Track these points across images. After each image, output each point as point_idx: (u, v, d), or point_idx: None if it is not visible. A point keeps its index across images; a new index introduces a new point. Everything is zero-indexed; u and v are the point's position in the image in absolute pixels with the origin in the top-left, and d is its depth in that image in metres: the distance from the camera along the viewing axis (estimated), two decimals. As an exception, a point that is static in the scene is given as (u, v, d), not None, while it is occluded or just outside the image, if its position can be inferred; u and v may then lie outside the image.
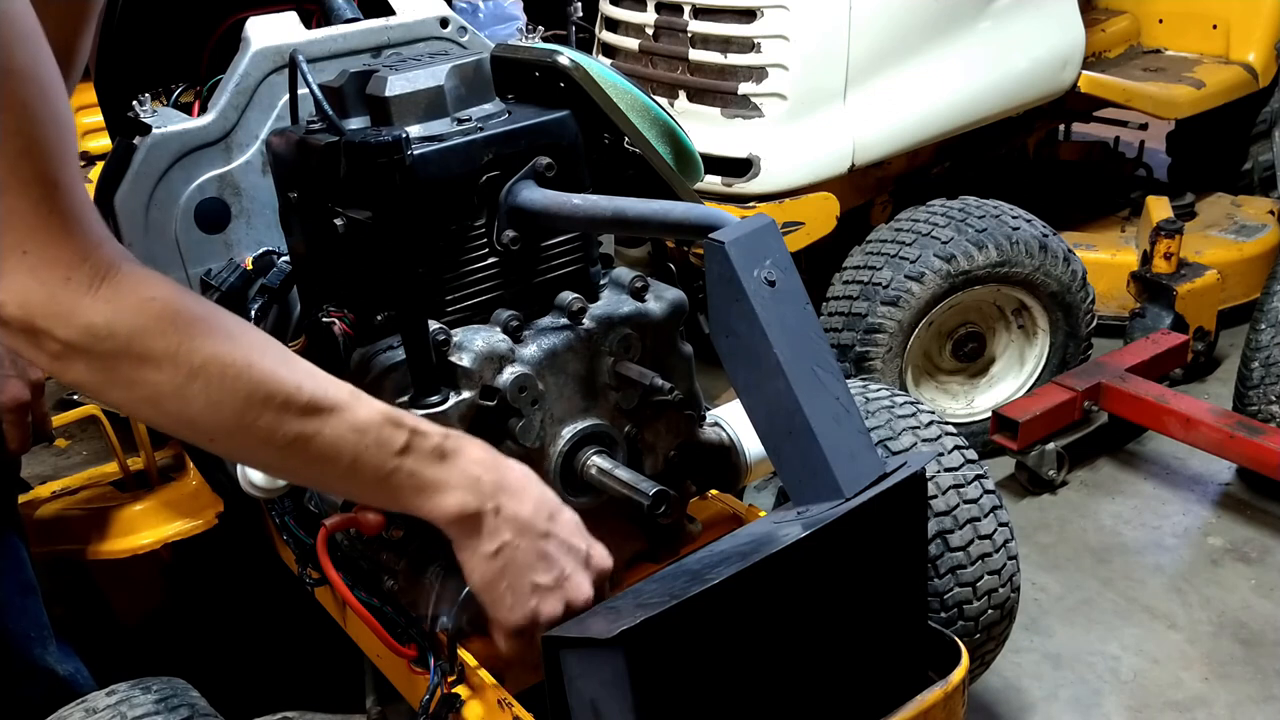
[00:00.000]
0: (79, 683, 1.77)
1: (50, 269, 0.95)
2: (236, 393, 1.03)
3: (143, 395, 1.01)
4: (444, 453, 1.16)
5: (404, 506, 1.17)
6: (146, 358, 0.99)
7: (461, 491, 1.16)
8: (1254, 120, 3.77)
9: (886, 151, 3.00)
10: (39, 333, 0.96)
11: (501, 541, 1.19)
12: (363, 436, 1.10)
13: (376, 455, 1.11)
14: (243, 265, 1.73)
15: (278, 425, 1.06)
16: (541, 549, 1.22)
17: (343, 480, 1.13)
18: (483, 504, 1.17)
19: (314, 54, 1.72)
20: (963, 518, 1.81)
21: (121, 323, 0.98)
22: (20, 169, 0.92)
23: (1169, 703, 2.17)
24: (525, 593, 1.21)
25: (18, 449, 1.68)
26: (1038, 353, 2.95)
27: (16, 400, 1.63)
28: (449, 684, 1.44)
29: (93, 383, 1.00)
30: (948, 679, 1.28)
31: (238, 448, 1.09)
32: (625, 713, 1.08)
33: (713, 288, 1.21)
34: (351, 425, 1.10)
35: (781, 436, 1.22)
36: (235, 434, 1.05)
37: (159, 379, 1.00)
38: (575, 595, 1.24)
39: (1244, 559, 2.56)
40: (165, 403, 1.02)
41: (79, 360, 0.98)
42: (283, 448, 1.07)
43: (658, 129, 1.65)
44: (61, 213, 0.95)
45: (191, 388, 1.01)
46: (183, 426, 1.05)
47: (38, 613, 1.75)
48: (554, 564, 1.22)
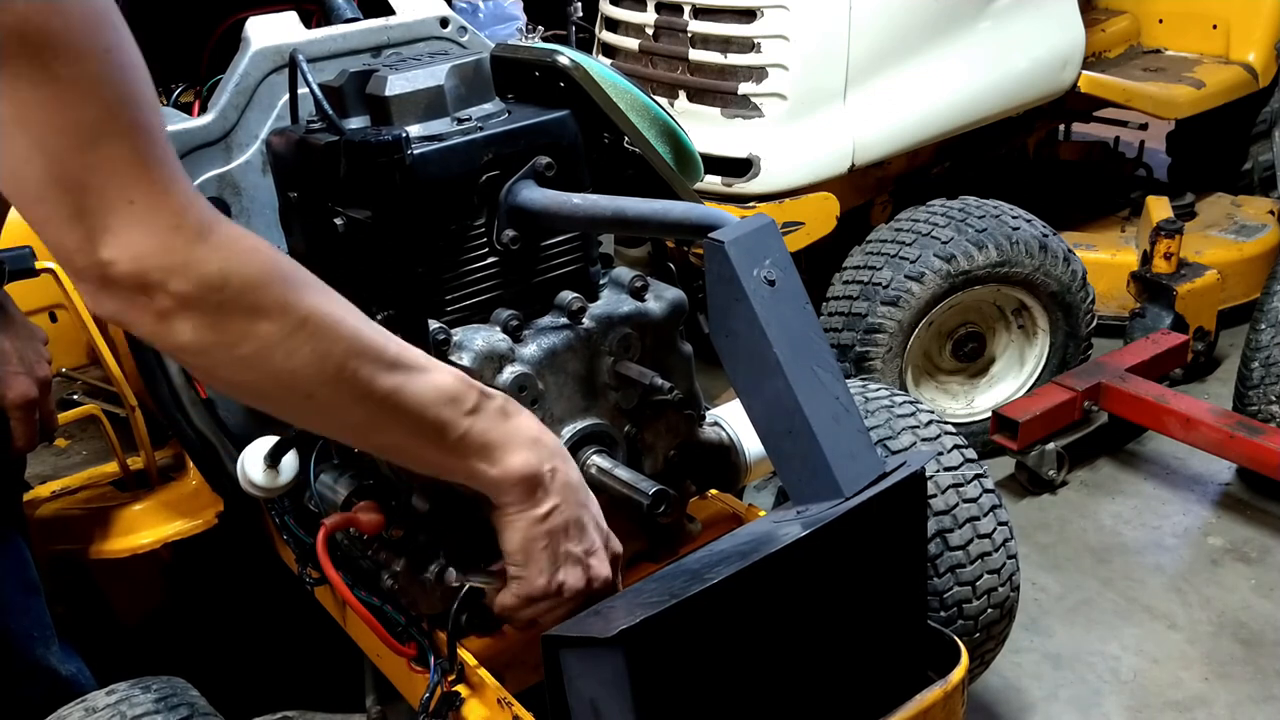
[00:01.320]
0: (81, 683, 1.77)
1: (160, 218, 0.92)
2: (339, 343, 1.03)
3: (249, 351, 0.98)
4: (507, 413, 1.18)
5: (471, 470, 1.17)
6: (258, 308, 0.97)
7: (526, 451, 1.18)
8: (1254, 120, 3.78)
9: (886, 151, 3.00)
10: (152, 288, 0.92)
11: (553, 504, 1.22)
12: (442, 394, 1.12)
13: (453, 414, 1.13)
14: (243, 265, 1.72)
15: (374, 377, 1.06)
16: (581, 518, 1.25)
17: (422, 440, 1.13)
18: (542, 464, 1.20)
19: (314, 54, 1.72)
20: (962, 517, 1.81)
21: (234, 272, 0.95)
22: (120, 115, 0.89)
23: (1169, 703, 2.17)
24: (558, 558, 1.23)
25: (25, 446, 1.68)
26: (1038, 353, 2.95)
27: (24, 397, 1.63)
28: (449, 683, 1.44)
29: (198, 342, 0.96)
30: (947, 678, 1.28)
31: (335, 403, 1.06)
32: (625, 712, 1.08)
33: (712, 287, 1.21)
34: (432, 383, 1.11)
35: (781, 436, 1.22)
36: (336, 386, 1.04)
37: (269, 330, 0.98)
38: (598, 571, 1.27)
39: (1244, 559, 2.56)
40: (271, 356, 1.00)
41: (190, 316, 0.94)
42: (378, 402, 1.07)
43: (658, 129, 1.65)
44: (161, 161, 0.93)
45: (298, 338, 1.00)
46: (281, 383, 1.02)
47: (40, 612, 1.75)
48: (587, 535, 1.25)
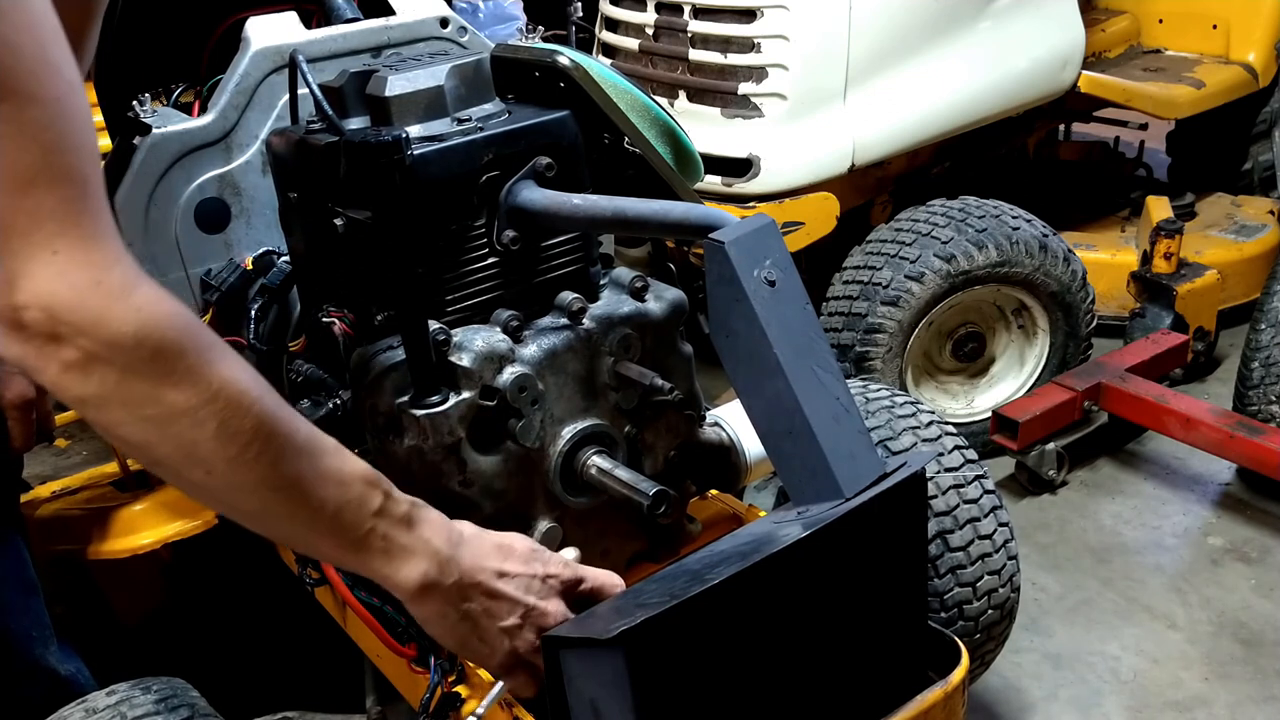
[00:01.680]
0: (80, 683, 1.77)
1: (81, 271, 0.90)
2: (246, 420, 0.99)
3: (153, 415, 0.96)
4: (411, 520, 1.13)
5: (371, 570, 1.13)
6: (169, 374, 0.95)
7: (425, 560, 1.14)
8: (1254, 120, 3.77)
9: (886, 151, 3.00)
10: (59, 339, 0.91)
11: (465, 608, 1.18)
12: (348, 490, 1.07)
13: (356, 512, 1.08)
14: (243, 265, 1.73)
15: (278, 461, 1.02)
16: (500, 593, 1.19)
17: (322, 534, 1.09)
18: (442, 576, 1.15)
19: (314, 54, 1.72)
20: (963, 517, 1.81)
21: (149, 335, 0.93)
22: (54, 164, 0.89)
23: (1169, 703, 2.17)
24: (497, 639, 1.20)
25: (22, 446, 1.68)
26: (1038, 353, 2.95)
27: (22, 397, 1.63)
28: (449, 683, 1.44)
29: (102, 397, 0.94)
30: (948, 679, 1.28)
31: (234, 483, 1.02)
32: (625, 713, 1.08)
33: (713, 288, 1.21)
34: (339, 475, 1.07)
35: (781, 436, 1.22)
36: (236, 466, 1.00)
37: (175, 399, 0.95)
38: (545, 620, 1.22)
39: (1244, 559, 2.56)
40: (175, 425, 0.96)
41: (96, 372, 0.92)
42: (276, 488, 1.03)
43: (658, 129, 1.65)
44: (92, 213, 0.92)
45: (206, 411, 0.97)
46: (181, 452, 0.99)
47: (40, 612, 1.74)
48: (516, 602, 1.20)
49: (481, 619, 1.19)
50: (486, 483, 1.40)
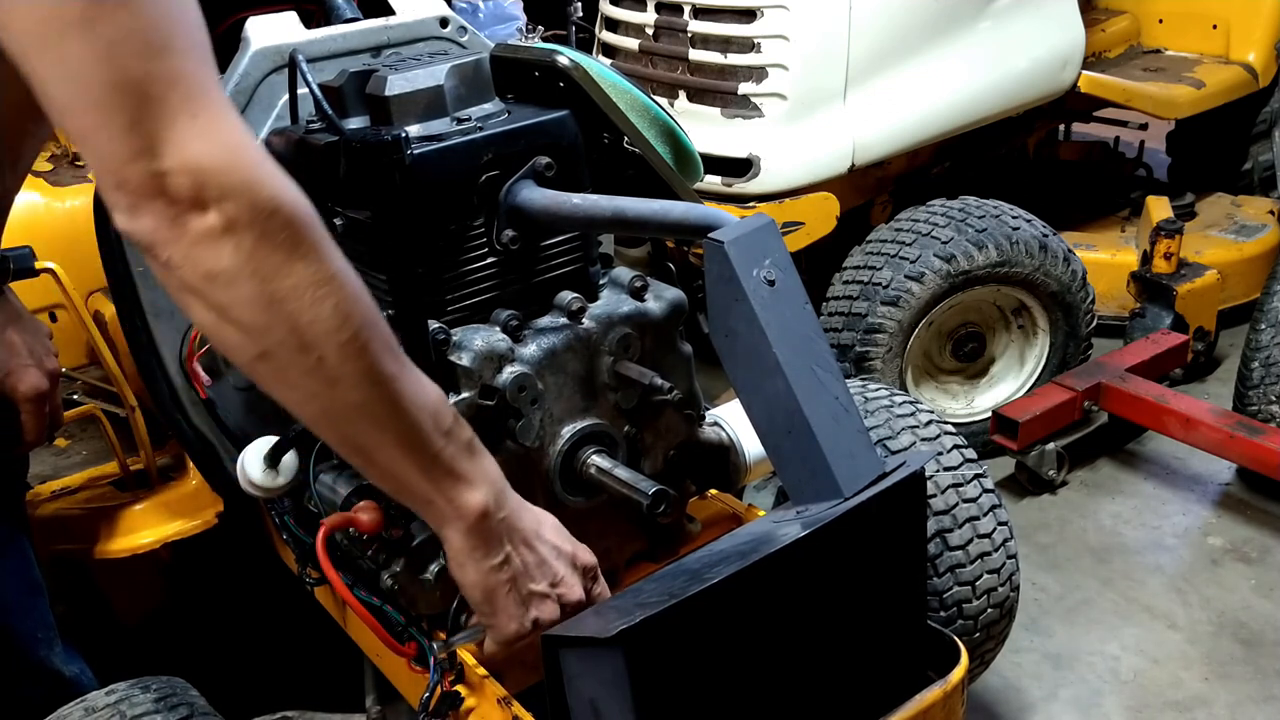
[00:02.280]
0: (83, 684, 1.76)
1: (226, 135, 0.91)
2: (358, 306, 1.00)
3: (278, 290, 0.95)
4: (473, 448, 1.16)
5: (439, 493, 1.14)
6: (298, 246, 0.95)
7: (485, 489, 1.16)
8: (1254, 120, 3.77)
9: (886, 151, 3.00)
10: (204, 205, 0.90)
11: (505, 553, 1.19)
12: (427, 402, 1.09)
13: (431, 427, 1.10)
14: (242, 265, 1.72)
15: (381, 355, 1.03)
16: (539, 556, 1.23)
17: (400, 444, 1.09)
18: (498, 508, 1.17)
19: (314, 54, 1.72)
20: (962, 517, 1.81)
21: (285, 204, 0.94)
22: (189, 32, 0.90)
23: (1169, 703, 2.17)
24: (524, 602, 1.22)
25: (35, 439, 1.68)
26: (1038, 353, 2.95)
27: (36, 390, 1.62)
28: (449, 682, 1.44)
29: (234, 269, 0.93)
30: (947, 678, 1.28)
31: (338, 373, 1.01)
32: (625, 712, 1.08)
33: (712, 287, 1.21)
34: (420, 387, 1.09)
35: (781, 436, 1.22)
36: (347, 353, 1.00)
37: (303, 273, 0.96)
38: (569, 597, 1.25)
39: (1244, 559, 2.56)
40: (297, 301, 0.96)
41: (233, 239, 0.91)
42: (376, 383, 1.04)
43: (657, 129, 1.65)
44: (218, 84, 0.92)
45: (326, 289, 0.97)
46: (297, 334, 0.98)
47: (44, 613, 1.74)
48: (548, 570, 1.23)
49: (517, 575, 1.21)
50: (486, 482, 1.40)
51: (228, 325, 0.98)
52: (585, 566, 1.29)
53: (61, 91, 0.88)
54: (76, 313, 1.92)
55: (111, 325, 1.98)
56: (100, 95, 0.86)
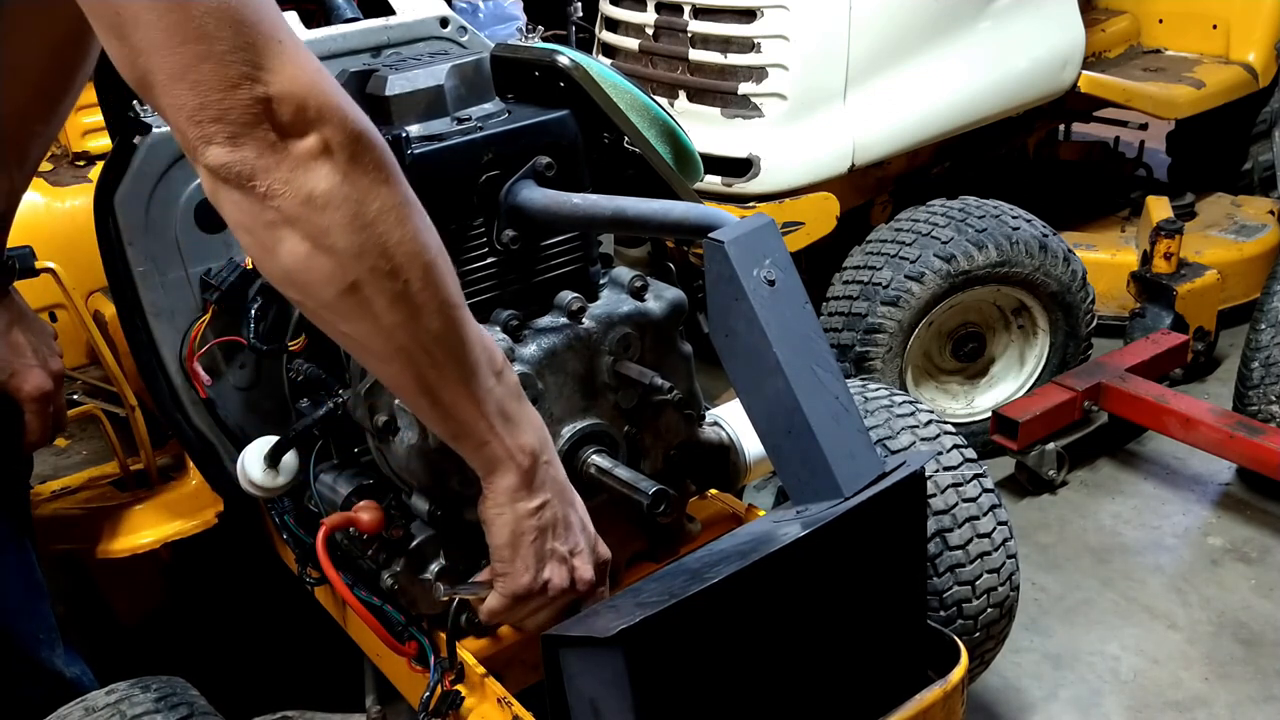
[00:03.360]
0: (84, 685, 1.76)
1: (310, 61, 0.95)
2: (432, 233, 1.06)
3: (368, 212, 0.99)
4: (520, 396, 1.20)
5: (487, 436, 1.16)
6: (380, 169, 0.99)
7: (533, 433, 1.19)
8: (1254, 120, 3.77)
9: (886, 151, 3.00)
10: (307, 127, 0.94)
11: (544, 499, 1.22)
12: (484, 339, 1.14)
13: (486, 366, 1.13)
14: (243, 264, 1.72)
15: (452, 283, 1.08)
16: (569, 517, 1.25)
17: (464, 382, 1.12)
18: (542, 453, 1.20)
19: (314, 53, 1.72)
20: (961, 516, 1.81)
21: (368, 130, 0.99)
22: None
23: (1169, 703, 2.17)
24: (543, 555, 1.23)
25: (40, 439, 1.68)
26: (1038, 353, 2.95)
27: (40, 390, 1.62)
28: (449, 682, 1.44)
29: (329, 192, 0.97)
30: (947, 678, 1.29)
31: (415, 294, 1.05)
32: (625, 712, 1.08)
33: (712, 287, 1.22)
34: (479, 328, 1.14)
35: (781, 436, 1.22)
36: (426, 273, 1.04)
37: (389, 195, 1.00)
38: (582, 572, 1.27)
39: (1244, 559, 2.56)
40: (385, 222, 1.00)
41: (330, 161, 0.96)
42: (449, 311, 1.08)
43: (658, 129, 1.65)
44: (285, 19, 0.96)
45: (408, 209, 1.03)
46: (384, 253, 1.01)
47: (46, 614, 1.74)
48: (573, 534, 1.26)
49: (546, 526, 1.22)
50: (486, 482, 1.40)
51: (322, 254, 1.00)
52: (602, 558, 1.31)
53: (154, 29, 0.88)
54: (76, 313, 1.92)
55: (111, 325, 1.98)
56: (202, 23, 0.88)
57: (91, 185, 1.82)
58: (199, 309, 1.71)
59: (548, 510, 1.23)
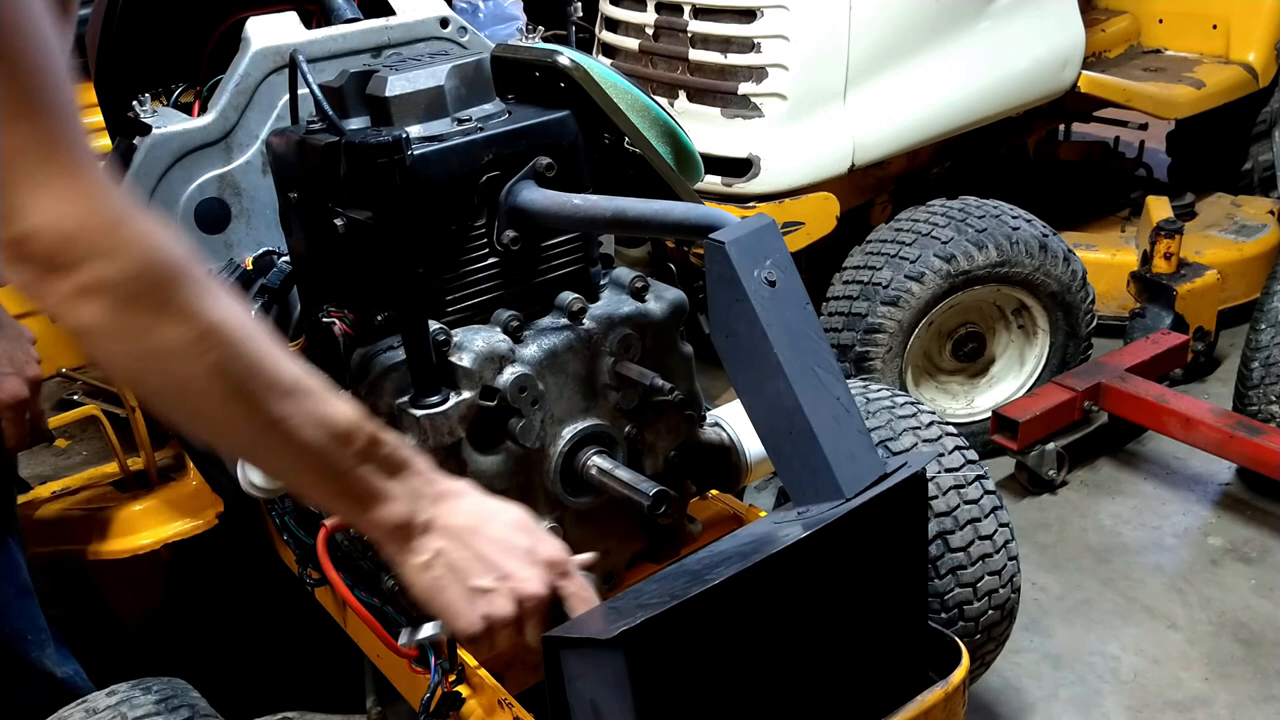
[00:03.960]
0: (78, 684, 1.77)
1: (78, 198, 0.90)
2: (239, 360, 0.99)
3: (150, 347, 0.95)
4: (394, 464, 1.13)
5: (349, 512, 1.15)
6: (168, 305, 0.95)
7: (403, 504, 1.14)
8: (1254, 120, 3.77)
9: (886, 151, 3.00)
10: (68, 266, 0.90)
11: (433, 550, 1.17)
12: (332, 429, 1.08)
13: (339, 452, 1.08)
14: (243, 265, 1.73)
15: (266, 400, 1.02)
16: (476, 551, 1.18)
17: (306, 473, 1.10)
18: (415, 519, 1.15)
19: (314, 54, 1.72)
20: (963, 518, 1.81)
21: (145, 266, 0.93)
22: (40, 90, 0.88)
23: (1169, 703, 2.17)
24: (468, 598, 1.18)
25: (16, 446, 1.68)
26: (1038, 353, 2.95)
27: (15, 397, 1.63)
28: (449, 683, 1.44)
29: (102, 326, 0.93)
30: (948, 679, 1.28)
31: (224, 419, 1.02)
32: (625, 713, 1.08)
33: (713, 288, 1.21)
34: (324, 415, 1.07)
35: (781, 436, 1.22)
36: (228, 405, 1.00)
37: (174, 332, 0.95)
38: (522, 590, 1.19)
39: (1244, 559, 2.56)
40: (169, 361, 0.97)
41: (94, 303, 0.92)
42: (265, 426, 1.03)
43: (658, 129, 1.65)
44: (80, 143, 0.92)
45: (200, 346, 0.97)
46: (175, 387, 0.99)
47: (35, 615, 1.74)
48: (491, 565, 1.18)
49: (453, 572, 1.17)
50: (487, 483, 1.40)
51: (113, 369, 1.00)
52: (549, 560, 1.21)
53: None
54: (76, 313, 1.92)
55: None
56: None
57: (91, 185, 1.82)
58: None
59: (439, 560, 1.17)
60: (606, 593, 1.56)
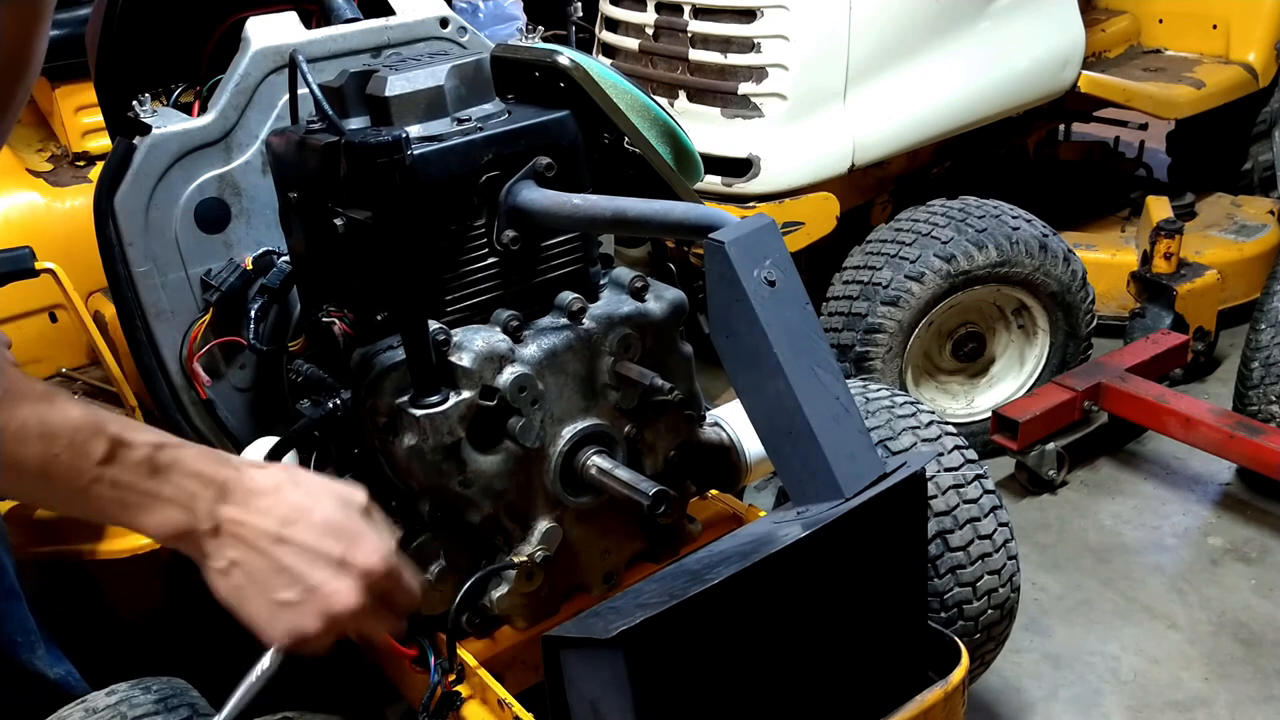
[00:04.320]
0: (71, 685, 1.76)
1: None
2: None
3: None
4: (155, 465, 1.03)
5: (111, 520, 1.05)
6: None
7: (174, 508, 1.04)
8: (1254, 120, 3.77)
9: (886, 151, 3.00)
10: None
11: (229, 559, 1.07)
12: (54, 442, 0.98)
13: (71, 463, 0.99)
14: (243, 265, 1.73)
15: None
16: (277, 562, 1.07)
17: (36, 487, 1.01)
18: (198, 523, 1.05)
19: (314, 54, 1.72)
20: (963, 518, 1.81)
21: None
22: None
23: (1169, 703, 2.17)
24: (270, 611, 1.08)
25: None
26: (1038, 353, 2.95)
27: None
28: (449, 683, 1.44)
29: None
30: (948, 679, 1.28)
31: None
32: (625, 713, 1.08)
33: (713, 288, 1.21)
34: (42, 427, 0.98)
35: (781, 436, 1.22)
36: None
37: None
38: (330, 604, 1.08)
39: (1244, 559, 2.56)
40: None
41: None
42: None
43: (658, 129, 1.65)
44: None
45: None
46: None
47: (24, 618, 1.74)
48: (295, 577, 1.07)
49: (255, 583, 1.07)
50: (486, 483, 1.40)
51: None
52: (364, 568, 1.09)
53: None
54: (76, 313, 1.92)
55: (111, 325, 1.98)
56: None
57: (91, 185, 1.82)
58: (199, 310, 1.71)
59: (240, 568, 1.07)
60: (606, 592, 1.56)
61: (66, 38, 2.28)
